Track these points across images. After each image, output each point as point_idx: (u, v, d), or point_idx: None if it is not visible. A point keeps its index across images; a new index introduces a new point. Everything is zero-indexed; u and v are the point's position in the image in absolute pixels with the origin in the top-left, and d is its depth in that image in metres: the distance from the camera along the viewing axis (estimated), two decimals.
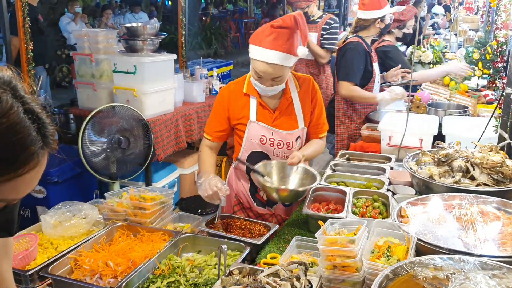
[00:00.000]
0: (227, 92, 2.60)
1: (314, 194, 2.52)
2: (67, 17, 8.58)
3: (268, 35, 2.29)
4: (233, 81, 2.69)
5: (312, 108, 2.63)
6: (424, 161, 2.58)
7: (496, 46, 4.63)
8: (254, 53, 2.35)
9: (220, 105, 2.60)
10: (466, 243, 1.79)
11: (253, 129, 2.55)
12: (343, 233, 1.84)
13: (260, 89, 2.46)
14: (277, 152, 2.60)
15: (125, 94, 3.93)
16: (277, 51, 2.28)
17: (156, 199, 2.46)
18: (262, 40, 2.30)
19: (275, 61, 2.30)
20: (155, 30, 4.04)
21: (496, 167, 2.32)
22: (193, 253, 2.23)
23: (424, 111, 3.99)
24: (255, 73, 2.39)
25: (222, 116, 2.59)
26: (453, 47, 7.79)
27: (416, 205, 2.15)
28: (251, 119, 2.54)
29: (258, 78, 2.40)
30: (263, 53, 2.30)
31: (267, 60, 2.31)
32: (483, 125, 3.05)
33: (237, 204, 2.79)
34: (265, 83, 2.40)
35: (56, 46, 8.31)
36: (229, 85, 2.66)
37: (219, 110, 2.60)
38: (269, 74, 2.35)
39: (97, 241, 2.25)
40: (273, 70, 2.33)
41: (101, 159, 3.72)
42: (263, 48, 2.30)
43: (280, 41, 2.28)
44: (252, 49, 2.36)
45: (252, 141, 2.57)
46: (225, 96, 2.59)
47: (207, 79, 4.93)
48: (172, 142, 4.26)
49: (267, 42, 2.29)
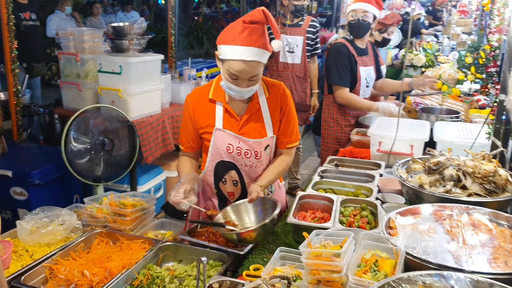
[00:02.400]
0: (192, 99, 2.46)
1: (300, 202, 2.44)
2: (56, 15, 8.45)
3: (242, 32, 2.16)
4: (198, 87, 2.55)
5: (282, 115, 2.45)
6: (414, 168, 2.51)
7: (489, 50, 4.59)
8: (228, 53, 2.19)
9: (186, 113, 2.47)
10: (456, 258, 1.72)
11: (219, 137, 2.40)
12: (329, 245, 1.76)
13: (235, 93, 2.27)
14: (245, 162, 2.43)
15: (111, 94, 3.83)
16: (253, 47, 2.16)
17: (137, 205, 2.38)
18: (236, 38, 2.16)
19: (252, 57, 2.17)
20: (142, 30, 3.95)
21: (489, 177, 2.25)
22: (174, 263, 2.15)
23: (416, 116, 3.93)
24: (229, 75, 2.23)
25: (189, 124, 2.47)
26: (445, 50, 7.76)
27: (405, 215, 2.07)
28: (217, 127, 2.39)
29: (233, 80, 2.23)
30: (239, 51, 2.16)
31: (245, 58, 2.16)
32: (475, 131, 2.99)
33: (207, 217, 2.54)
34: (241, 84, 2.23)
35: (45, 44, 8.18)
36: (194, 92, 2.51)
37: (186, 118, 2.48)
38: (246, 73, 2.20)
39: (75, 249, 2.17)
40: (250, 68, 2.19)
41: (85, 161, 3.63)
42: (238, 46, 2.16)
43: (254, 36, 2.16)
44: (225, 50, 2.20)
45: (219, 149, 2.42)
46: (190, 103, 2.45)
47: (195, 80, 4.83)
48: (160, 144, 4.16)
49: (242, 39, 2.16)
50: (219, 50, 2.24)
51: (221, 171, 2.46)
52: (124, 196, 2.46)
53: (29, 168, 3.54)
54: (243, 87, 2.25)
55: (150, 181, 4.25)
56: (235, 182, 2.50)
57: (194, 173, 2.45)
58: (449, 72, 4.87)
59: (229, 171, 2.47)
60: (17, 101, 4.06)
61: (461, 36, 7.45)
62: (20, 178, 3.53)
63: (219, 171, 2.47)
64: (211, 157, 2.45)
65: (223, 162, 2.44)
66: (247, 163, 2.44)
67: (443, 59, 6.40)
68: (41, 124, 4.55)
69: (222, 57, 2.23)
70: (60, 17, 8.62)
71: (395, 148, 2.95)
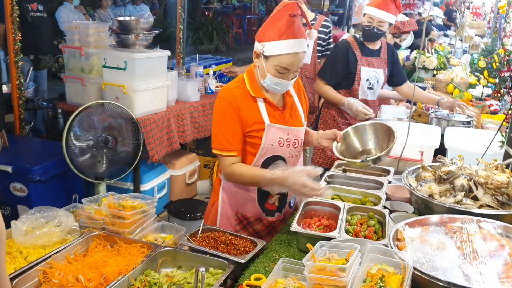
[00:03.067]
0: (233, 99, 2.31)
1: (305, 209, 2.37)
2: (65, 7, 8.37)
3: (290, 25, 2.18)
4: (229, 87, 2.39)
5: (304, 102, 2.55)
6: (424, 177, 2.42)
7: (504, 54, 4.47)
8: (278, 48, 2.18)
9: (230, 115, 2.30)
10: (467, 275, 1.64)
11: (270, 133, 2.34)
12: (333, 258, 1.69)
13: (281, 87, 2.29)
14: (292, 153, 2.44)
15: (115, 90, 3.76)
16: (301, 39, 2.21)
17: (136, 207, 2.31)
18: (285, 32, 2.17)
19: (302, 49, 2.22)
20: (149, 25, 3.87)
21: (502, 188, 2.16)
22: (173, 269, 2.08)
23: (426, 120, 3.83)
24: (278, 69, 2.22)
25: (236, 127, 2.32)
26: (458, 52, 7.63)
27: (414, 227, 1.99)
28: (267, 123, 2.34)
29: (281, 75, 2.24)
30: (291, 45, 2.18)
31: (297, 50, 2.20)
32: (487, 138, 2.90)
33: (239, 223, 2.53)
34: (288, 77, 2.26)
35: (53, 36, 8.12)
36: (231, 91, 2.35)
37: (230, 121, 2.31)
38: (296, 65, 2.24)
39: (71, 251, 2.10)
40: (299, 60, 2.24)
41: (87, 158, 3.57)
42: (289, 39, 2.18)
43: (300, 28, 2.21)
44: (273, 46, 2.19)
45: (271, 145, 2.36)
46: (232, 103, 2.30)
47: (202, 77, 4.76)
48: (165, 142, 4.09)
49: (292, 32, 2.18)
50: (264, 47, 2.21)
51: (266, 165, 2.35)
52: (124, 198, 2.38)
53: (29, 163, 3.48)
54: (289, 80, 2.28)
55: (154, 179, 4.18)
56: None
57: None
58: (461, 75, 4.77)
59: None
60: (19, 94, 4.01)
61: (474, 38, 7.32)
62: (20, 174, 3.46)
63: (264, 166, 2.37)
64: (261, 154, 2.37)
65: (271, 157, 2.39)
66: (293, 153, 2.45)
67: (455, 62, 6.28)
68: (44, 118, 4.49)
69: (269, 54, 2.21)
70: (68, 8, 8.56)
71: (405, 154, 2.86)
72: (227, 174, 2.37)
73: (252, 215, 2.51)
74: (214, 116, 2.37)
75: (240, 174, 2.32)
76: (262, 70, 2.29)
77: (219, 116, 2.34)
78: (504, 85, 4.54)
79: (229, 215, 2.51)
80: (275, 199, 2.51)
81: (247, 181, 2.34)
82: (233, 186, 2.48)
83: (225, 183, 2.50)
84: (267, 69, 2.25)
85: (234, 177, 2.36)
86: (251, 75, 2.37)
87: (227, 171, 2.35)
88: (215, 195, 2.58)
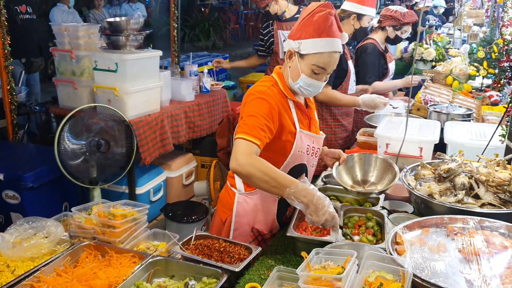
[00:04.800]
0: (273, 99, 2.15)
1: None
2: (59, 8, 8.27)
3: (331, 24, 2.11)
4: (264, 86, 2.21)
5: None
6: (423, 175, 2.34)
7: (502, 44, 4.38)
8: (318, 46, 2.10)
9: (269, 114, 2.11)
10: (469, 281, 1.57)
11: (300, 140, 2.23)
12: (329, 266, 1.63)
13: (314, 88, 2.18)
14: (313, 161, 2.37)
15: (107, 93, 3.69)
16: (339, 39, 2.15)
17: (127, 215, 2.24)
18: (325, 30, 2.10)
19: (340, 48, 2.16)
20: (139, 25, 3.79)
21: (503, 186, 2.09)
22: (165, 278, 2.01)
23: (425, 113, 3.75)
24: (315, 69, 2.12)
25: (271, 124, 2.12)
26: (456, 42, 7.53)
27: (413, 229, 1.92)
28: (299, 129, 2.23)
29: (316, 75, 2.14)
30: (331, 43, 2.11)
31: (336, 49, 2.13)
32: (488, 132, 2.83)
33: (254, 239, 2.36)
34: (322, 78, 2.17)
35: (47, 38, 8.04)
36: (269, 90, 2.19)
37: (268, 118, 2.10)
38: (333, 64, 2.16)
39: (60, 263, 2.03)
40: (336, 59, 2.17)
41: (80, 162, 3.49)
42: (330, 37, 2.11)
43: (337, 28, 2.16)
44: (312, 44, 2.10)
45: (300, 152, 2.25)
46: (274, 105, 2.14)
47: (197, 76, 4.67)
48: (158, 144, 4.02)
49: (331, 30, 2.11)
50: (301, 45, 2.12)
51: (294, 175, 2.16)
52: (115, 205, 2.31)
53: (22, 170, 3.41)
54: (322, 81, 2.20)
55: (149, 182, 4.11)
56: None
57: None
58: (460, 67, 4.67)
59: (302, 174, 2.25)
60: (11, 99, 3.94)
61: (473, 28, 7.22)
62: (12, 181, 3.40)
63: (291, 175, 2.14)
64: (290, 161, 2.25)
65: (299, 165, 2.30)
66: (314, 162, 2.39)
67: (454, 52, 6.18)
68: (37, 123, 4.42)
69: (306, 52, 2.12)
70: (62, 9, 8.46)
71: (403, 151, 2.79)
72: (246, 163, 1.98)
73: (268, 231, 2.39)
74: (247, 110, 2.13)
75: (264, 167, 1.98)
76: (295, 70, 2.17)
77: (254, 111, 2.10)
78: (504, 75, 4.45)
79: (244, 231, 2.37)
80: (292, 211, 2.40)
81: (268, 178, 1.98)
82: (251, 198, 2.34)
83: (241, 196, 2.35)
84: (301, 69, 2.15)
85: (253, 168, 1.98)
86: (280, 77, 2.26)
87: (248, 160, 1.98)
88: (226, 210, 2.42)
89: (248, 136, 2.03)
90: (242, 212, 2.36)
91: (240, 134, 2.05)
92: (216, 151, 4.47)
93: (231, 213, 2.38)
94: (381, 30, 4.29)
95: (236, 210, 2.37)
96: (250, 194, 2.34)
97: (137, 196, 3.96)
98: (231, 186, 2.42)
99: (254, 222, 2.37)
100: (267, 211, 2.35)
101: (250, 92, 2.20)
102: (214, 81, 5.07)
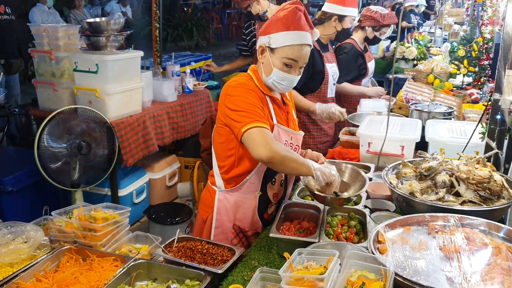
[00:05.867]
0: (253, 88, 2.19)
1: (285, 211, 2.30)
2: (38, 8, 8.15)
3: (298, 18, 2.15)
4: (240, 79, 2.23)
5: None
6: (405, 173, 2.36)
7: (482, 42, 4.43)
8: (286, 39, 2.13)
9: (255, 97, 2.16)
10: (449, 279, 1.58)
11: (277, 134, 2.23)
12: (311, 267, 1.62)
13: (287, 82, 2.20)
14: None
15: (87, 94, 3.64)
16: (308, 33, 2.18)
17: (108, 218, 2.21)
18: (293, 23, 2.13)
19: (309, 41, 2.18)
20: (120, 26, 3.75)
21: (483, 183, 2.11)
22: (147, 282, 2.00)
23: (407, 112, 3.78)
24: (286, 63, 2.15)
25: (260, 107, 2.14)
26: (438, 41, 7.61)
27: (395, 227, 1.94)
28: (275, 122, 2.24)
29: (288, 69, 2.17)
30: (299, 36, 2.14)
31: (305, 42, 2.16)
32: (468, 130, 2.86)
33: (236, 236, 2.41)
34: (294, 72, 2.19)
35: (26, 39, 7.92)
36: (246, 82, 2.22)
37: (257, 102, 2.14)
38: (304, 58, 2.19)
39: (40, 268, 2.00)
40: (306, 53, 2.19)
41: (61, 165, 3.44)
42: (297, 31, 2.14)
43: (305, 23, 2.19)
44: (281, 37, 2.13)
45: None
46: (256, 91, 2.19)
47: (179, 76, 4.64)
48: (141, 145, 3.98)
49: (300, 24, 2.15)
50: (271, 39, 2.15)
51: (272, 171, 2.27)
52: (96, 208, 2.28)
53: (1, 174, 3.35)
54: (295, 75, 2.21)
55: (132, 184, 4.06)
56: (283, 182, 2.41)
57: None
58: (441, 65, 4.72)
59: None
60: None
61: (454, 26, 7.30)
62: None
63: (271, 170, 2.28)
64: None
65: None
66: None
67: (435, 51, 6.25)
68: (17, 125, 4.35)
69: (276, 46, 2.15)
70: (42, 10, 8.34)
71: (385, 149, 2.80)
72: (277, 149, 2.01)
73: (250, 228, 2.41)
74: (235, 101, 2.14)
75: (287, 150, 2.09)
76: (267, 65, 2.20)
77: (245, 100, 2.12)
78: (484, 73, 4.51)
79: (225, 228, 2.39)
80: (273, 209, 2.44)
81: (296, 157, 2.09)
82: (231, 195, 2.36)
83: (221, 194, 2.37)
84: (273, 63, 2.17)
85: (284, 151, 2.04)
86: (255, 73, 2.28)
87: (275, 145, 2.02)
88: (207, 209, 2.44)
89: (258, 123, 2.05)
90: (222, 210, 2.37)
91: (249, 124, 2.05)
92: (199, 152, 4.45)
93: (212, 211, 2.39)
94: (361, 29, 4.31)
95: (217, 207, 2.38)
96: (230, 191, 2.35)
97: (120, 198, 3.92)
98: (211, 184, 2.43)
99: (235, 219, 2.39)
100: (247, 208, 2.37)
101: (231, 85, 2.21)
102: (197, 81, 5.03)
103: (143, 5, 15.90)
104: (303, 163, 2.09)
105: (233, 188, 2.34)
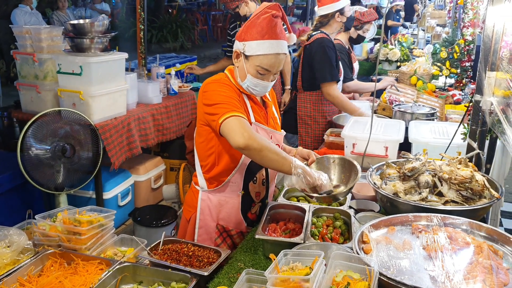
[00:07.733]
0: (229, 84, 2.23)
1: (271, 213, 2.30)
2: (20, 9, 8.07)
3: (273, 26, 2.12)
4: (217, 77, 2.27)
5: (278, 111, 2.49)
6: (388, 174, 2.39)
7: (464, 44, 4.50)
8: (260, 48, 2.11)
9: (232, 92, 2.19)
10: (433, 278, 1.60)
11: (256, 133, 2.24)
12: (297, 268, 1.63)
13: (261, 88, 2.20)
14: None
15: (71, 97, 3.61)
16: (283, 41, 2.16)
17: (93, 222, 2.20)
18: (267, 32, 2.11)
19: (284, 50, 2.16)
20: (104, 27, 3.73)
21: (465, 183, 2.14)
22: (133, 285, 1.99)
23: (391, 113, 3.82)
24: (259, 70, 2.14)
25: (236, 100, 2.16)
26: (420, 43, 7.70)
27: (379, 228, 1.96)
28: (253, 121, 2.24)
29: (261, 76, 2.16)
30: (274, 45, 2.12)
31: (279, 51, 2.14)
32: (451, 131, 2.90)
33: (219, 236, 2.42)
34: (268, 78, 2.19)
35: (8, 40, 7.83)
36: (222, 78, 2.26)
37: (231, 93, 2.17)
38: (277, 67, 2.17)
39: (24, 273, 1.98)
40: (280, 61, 2.18)
41: (44, 168, 3.41)
42: (272, 40, 2.12)
43: (282, 30, 2.17)
44: (255, 46, 2.12)
45: None
46: (232, 87, 2.22)
47: (164, 78, 4.63)
48: (125, 148, 3.96)
49: (274, 33, 2.12)
50: (246, 47, 2.14)
51: (253, 169, 2.30)
52: (80, 211, 2.27)
53: None
54: (269, 81, 2.21)
55: (117, 186, 4.04)
56: (264, 180, 2.41)
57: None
58: (424, 67, 4.78)
59: (260, 169, 2.34)
60: None
61: (436, 28, 7.39)
62: None
63: (251, 169, 2.30)
64: (245, 158, 2.27)
65: (250, 164, 2.30)
66: None
67: (418, 53, 6.32)
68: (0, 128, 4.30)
69: (250, 53, 2.14)
70: (24, 11, 8.26)
71: (369, 150, 2.83)
72: (255, 137, 2.01)
73: (234, 227, 2.42)
74: (212, 96, 2.15)
75: (266, 140, 2.07)
76: (242, 70, 2.21)
77: (222, 94, 2.14)
78: (465, 74, 4.59)
79: (209, 228, 2.40)
80: (257, 208, 2.45)
81: (274, 149, 2.05)
82: (214, 195, 2.37)
83: (204, 194, 2.38)
84: (247, 70, 2.17)
85: (261, 140, 2.03)
86: (232, 74, 2.28)
87: (253, 133, 2.02)
88: (190, 209, 2.45)
89: (234, 112, 2.06)
90: (206, 209, 2.39)
91: (225, 114, 2.05)
92: (185, 154, 4.44)
93: (195, 211, 2.41)
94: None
95: (200, 207, 2.39)
96: (213, 191, 2.37)
97: (105, 201, 3.89)
98: (195, 185, 2.44)
99: (219, 219, 2.40)
100: (231, 207, 2.38)
101: (208, 82, 2.23)
102: (182, 83, 5.03)
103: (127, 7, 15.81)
104: (284, 157, 2.06)
105: (216, 189, 2.36)
